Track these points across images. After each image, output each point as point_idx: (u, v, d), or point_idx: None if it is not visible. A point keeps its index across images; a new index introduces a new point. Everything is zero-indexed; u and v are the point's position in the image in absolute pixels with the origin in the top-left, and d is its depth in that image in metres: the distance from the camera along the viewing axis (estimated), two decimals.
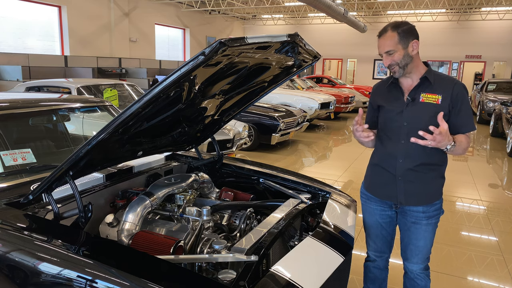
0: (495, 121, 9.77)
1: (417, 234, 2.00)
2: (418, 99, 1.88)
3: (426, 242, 2.01)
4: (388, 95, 1.99)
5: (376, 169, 2.08)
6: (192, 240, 1.86)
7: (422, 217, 1.97)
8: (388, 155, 1.99)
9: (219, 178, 2.78)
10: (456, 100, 1.84)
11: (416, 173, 1.93)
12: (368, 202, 2.15)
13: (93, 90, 6.01)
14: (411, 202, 1.97)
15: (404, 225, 2.05)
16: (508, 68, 18.37)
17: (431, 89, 1.86)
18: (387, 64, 1.86)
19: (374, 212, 2.13)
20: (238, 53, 1.63)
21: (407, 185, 1.96)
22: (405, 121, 1.90)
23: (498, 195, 5.33)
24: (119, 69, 13.11)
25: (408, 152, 1.92)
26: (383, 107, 2.00)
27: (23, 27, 11.89)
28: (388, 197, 2.04)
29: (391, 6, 17.96)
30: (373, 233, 2.18)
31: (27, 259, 1.47)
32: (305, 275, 1.58)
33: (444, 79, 1.89)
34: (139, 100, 1.53)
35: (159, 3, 16.71)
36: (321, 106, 9.97)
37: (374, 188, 2.10)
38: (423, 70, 1.91)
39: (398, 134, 1.93)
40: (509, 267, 3.33)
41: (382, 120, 2.02)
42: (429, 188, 1.96)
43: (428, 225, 1.98)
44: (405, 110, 1.90)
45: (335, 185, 5.52)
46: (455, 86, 1.84)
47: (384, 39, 1.84)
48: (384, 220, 2.12)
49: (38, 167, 2.20)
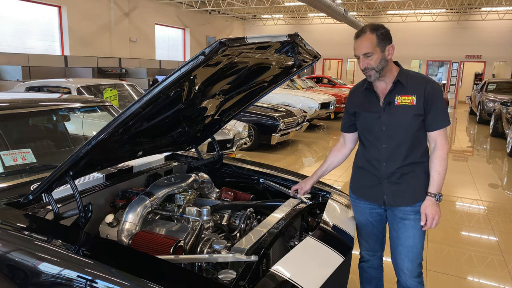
0: (495, 121, 9.77)
1: (406, 232, 1.98)
2: (394, 103, 1.89)
3: (415, 241, 1.98)
4: (364, 101, 1.99)
5: (361, 171, 2.09)
6: (192, 240, 1.86)
7: (410, 211, 1.97)
8: (371, 158, 2.00)
9: (219, 178, 2.78)
10: (429, 98, 1.86)
11: (401, 174, 1.94)
12: (358, 201, 2.15)
13: (93, 90, 6.01)
14: (398, 202, 1.98)
15: (393, 222, 2.04)
16: (508, 68, 18.37)
17: (405, 91, 1.88)
18: (363, 67, 1.84)
19: (364, 210, 2.13)
20: (238, 53, 1.63)
21: (393, 187, 1.97)
22: (384, 125, 1.92)
23: (498, 195, 5.33)
24: (119, 69, 13.10)
25: (390, 155, 1.93)
26: (360, 113, 2.01)
27: (23, 27, 11.89)
28: (375, 199, 2.04)
29: (391, 6, 17.96)
30: (364, 232, 2.18)
31: (27, 259, 1.47)
32: (305, 275, 1.58)
33: (417, 79, 1.90)
34: (139, 100, 1.53)
35: (159, 3, 16.71)
36: (321, 106, 9.97)
37: (360, 191, 2.11)
38: (396, 72, 1.91)
39: (379, 138, 1.94)
40: (509, 267, 3.33)
41: (361, 126, 2.03)
42: (415, 188, 1.95)
43: (416, 220, 1.96)
44: (383, 114, 1.91)
45: (335, 185, 5.52)
46: (427, 85, 1.86)
47: (362, 41, 1.81)
48: (374, 218, 2.12)
49: (38, 167, 2.20)
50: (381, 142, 1.94)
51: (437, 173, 1.89)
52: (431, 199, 1.89)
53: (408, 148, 1.91)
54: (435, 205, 1.89)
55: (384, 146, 1.93)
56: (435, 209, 1.88)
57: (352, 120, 2.09)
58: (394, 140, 1.91)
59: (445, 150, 1.91)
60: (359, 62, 1.87)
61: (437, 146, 1.91)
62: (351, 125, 2.12)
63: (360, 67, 1.86)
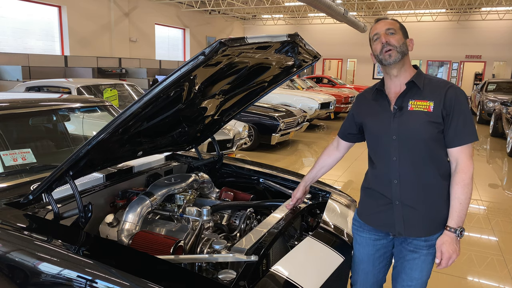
0: (495, 121, 9.77)
1: (413, 264, 1.69)
2: (406, 108, 1.61)
3: (422, 274, 1.68)
4: (373, 106, 1.73)
5: (370, 192, 1.78)
6: (192, 240, 1.86)
7: (423, 246, 1.66)
8: (381, 176, 1.70)
9: (219, 178, 2.78)
10: (450, 106, 1.56)
11: (416, 196, 1.63)
12: (360, 231, 1.84)
13: (93, 90, 6.01)
14: (412, 232, 1.65)
15: (400, 253, 1.74)
16: (508, 68, 18.37)
17: (421, 95, 1.60)
18: (385, 41, 1.58)
19: (366, 242, 1.81)
20: (238, 53, 1.63)
21: (406, 211, 1.64)
22: (394, 134, 1.62)
23: (498, 195, 5.33)
24: (119, 69, 13.11)
25: (403, 171, 1.63)
26: (367, 122, 1.74)
27: (23, 27, 11.89)
28: (384, 226, 1.72)
29: (391, 6, 17.96)
30: (362, 270, 1.85)
31: (27, 259, 1.47)
32: (305, 275, 1.58)
33: (436, 83, 1.62)
34: (139, 100, 1.53)
35: (159, 3, 16.71)
36: (321, 106, 9.97)
37: (367, 216, 1.79)
38: (412, 74, 1.66)
39: (388, 150, 1.65)
40: (509, 267, 3.33)
41: (370, 137, 1.76)
42: (432, 216, 1.64)
43: (428, 255, 1.67)
44: (393, 121, 1.63)
45: (335, 185, 5.52)
46: (448, 90, 1.57)
47: (386, 21, 1.63)
48: (377, 252, 1.81)
49: (38, 167, 2.20)
50: (391, 154, 1.64)
51: (459, 202, 1.59)
52: (450, 235, 1.58)
53: (424, 164, 1.61)
54: (454, 242, 1.57)
55: (395, 159, 1.63)
56: (454, 247, 1.57)
57: (354, 129, 1.86)
58: (406, 153, 1.62)
59: (470, 174, 1.59)
60: (378, 42, 1.61)
61: (459, 167, 1.59)
62: (351, 134, 1.89)
63: (382, 41, 1.59)
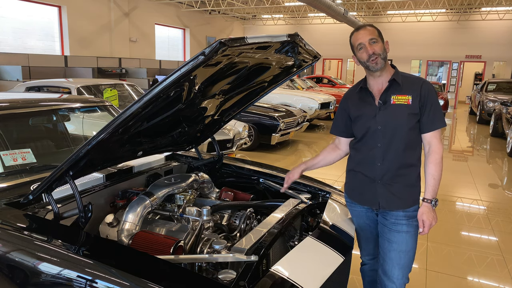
0: (495, 121, 9.77)
1: (399, 237, 1.93)
2: (389, 102, 1.89)
3: (408, 247, 1.93)
4: (359, 102, 1.98)
5: (354, 174, 2.04)
6: (192, 240, 1.86)
7: (402, 216, 1.93)
8: (365, 159, 1.96)
9: (219, 178, 2.78)
10: (425, 98, 1.86)
11: (395, 175, 1.91)
12: (353, 206, 2.11)
13: (93, 90, 6.01)
14: (392, 206, 1.93)
15: (384, 228, 1.99)
16: (508, 68, 18.37)
17: (401, 90, 1.88)
18: (371, 52, 1.83)
19: (360, 214, 2.09)
20: (238, 53, 1.63)
21: (387, 188, 1.92)
22: (379, 124, 1.90)
23: (498, 195, 5.33)
24: (119, 69, 13.10)
25: (386, 155, 1.90)
26: (355, 117, 1.98)
27: (23, 27, 11.89)
28: (368, 202, 2.00)
29: (391, 6, 17.96)
30: (363, 236, 2.14)
31: (27, 259, 1.47)
32: (305, 275, 1.58)
33: (411, 79, 1.91)
34: (139, 100, 1.53)
35: (159, 3, 16.71)
36: (321, 106, 9.97)
37: (354, 194, 2.07)
38: (391, 72, 1.93)
39: (374, 138, 1.92)
40: (509, 267, 3.33)
41: (357, 129, 1.99)
42: (409, 191, 1.92)
43: (410, 226, 1.93)
44: (378, 114, 1.90)
45: (335, 185, 5.52)
46: (423, 85, 1.87)
47: (366, 30, 1.86)
48: (371, 221, 2.08)
49: (38, 167, 2.20)
50: (376, 141, 1.92)
51: (433, 178, 1.88)
52: (427, 205, 1.87)
53: (404, 149, 1.88)
54: (432, 211, 1.87)
55: (379, 145, 1.91)
56: (432, 215, 1.87)
57: (347, 124, 2.06)
58: (389, 140, 1.89)
59: (440, 154, 1.88)
60: (363, 51, 1.86)
61: (432, 149, 1.89)
62: (344, 129, 2.09)
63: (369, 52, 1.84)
